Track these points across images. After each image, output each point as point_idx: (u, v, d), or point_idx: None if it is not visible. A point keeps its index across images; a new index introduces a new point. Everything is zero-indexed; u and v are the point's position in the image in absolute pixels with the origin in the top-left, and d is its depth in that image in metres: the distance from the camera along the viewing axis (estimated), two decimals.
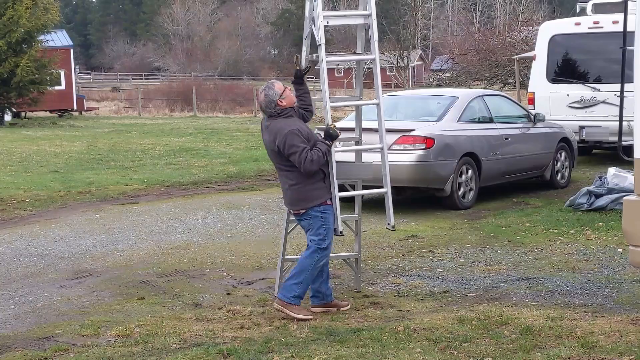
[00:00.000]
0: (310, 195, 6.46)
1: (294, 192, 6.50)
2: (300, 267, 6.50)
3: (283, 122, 6.45)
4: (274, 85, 6.53)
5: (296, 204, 6.54)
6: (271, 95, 6.47)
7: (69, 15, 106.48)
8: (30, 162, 18.49)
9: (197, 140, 24.06)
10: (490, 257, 8.63)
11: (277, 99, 6.46)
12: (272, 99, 6.46)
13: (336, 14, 7.32)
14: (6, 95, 32.70)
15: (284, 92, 6.49)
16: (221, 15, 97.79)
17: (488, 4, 74.20)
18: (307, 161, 6.30)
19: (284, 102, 6.49)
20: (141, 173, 16.49)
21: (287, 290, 6.49)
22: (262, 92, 6.50)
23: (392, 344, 5.74)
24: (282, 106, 6.47)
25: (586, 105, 15.44)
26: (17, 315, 6.90)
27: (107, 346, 5.94)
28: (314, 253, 6.49)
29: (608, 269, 7.93)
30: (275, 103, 6.46)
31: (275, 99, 6.46)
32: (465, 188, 11.70)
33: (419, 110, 12.59)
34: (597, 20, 15.38)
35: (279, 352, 5.63)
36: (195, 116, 40.98)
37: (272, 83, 6.58)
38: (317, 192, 6.47)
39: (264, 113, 6.55)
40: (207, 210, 11.87)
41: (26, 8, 31.90)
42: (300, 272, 6.49)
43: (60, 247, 9.60)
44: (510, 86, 30.52)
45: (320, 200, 6.48)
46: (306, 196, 6.46)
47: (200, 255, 8.94)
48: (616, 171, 11.11)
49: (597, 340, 5.70)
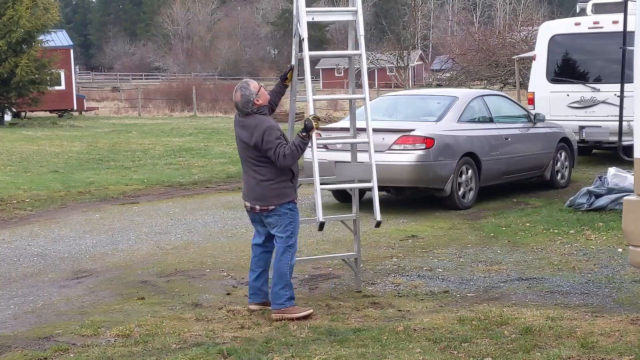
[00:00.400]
0: (282, 192, 6.56)
1: (264, 188, 6.56)
2: (279, 272, 6.56)
3: (260, 119, 6.57)
4: (249, 85, 6.65)
5: (265, 200, 6.58)
6: (247, 94, 6.58)
7: (69, 15, 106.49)
8: (30, 162, 18.49)
9: (197, 140, 24.06)
10: (490, 257, 8.63)
11: (254, 98, 6.58)
12: (249, 98, 6.58)
13: (321, 10, 7.36)
14: (6, 95, 32.70)
15: (259, 90, 6.63)
16: (221, 15, 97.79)
17: (488, 4, 74.21)
18: (280, 156, 6.42)
19: (260, 101, 6.62)
20: (141, 173, 16.49)
21: (277, 297, 6.55)
22: (238, 91, 6.61)
23: (392, 344, 5.74)
24: (258, 104, 6.61)
25: (586, 105, 15.44)
26: (17, 315, 6.90)
27: (107, 346, 5.94)
28: (285, 253, 6.57)
29: (608, 269, 7.93)
30: (252, 102, 6.58)
31: (252, 99, 6.58)
32: (465, 188, 11.70)
33: (419, 110, 12.60)
34: (597, 20, 15.38)
35: (279, 352, 5.63)
36: (195, 116, 40.98)
37: (247, 82, 6.70)
38: (288, 190, 6.59)
39: (240, 111, 6.64)
40: (207, 210, 11.87)
41: (26, 8, 31.89)
42: (281, 277, 6.55)
43: (60, 247, 9.60)
44: (510, 86, 30.52)
45: (290, 198, 6.61)
46: (278, 193, 6.55)
47: (200, 255, 8.93)
48: (616, 171, 11.12)
49: (597, 340, 5.70)
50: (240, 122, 6.65)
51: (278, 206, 6.56)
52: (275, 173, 6.54)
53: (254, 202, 6.66)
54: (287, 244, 6.58)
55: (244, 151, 6.66)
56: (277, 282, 6.56)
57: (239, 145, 6.70)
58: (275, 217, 6.59)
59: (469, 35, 38.94)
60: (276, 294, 6.55)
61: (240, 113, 6.64)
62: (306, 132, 6.53)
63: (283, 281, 6.55)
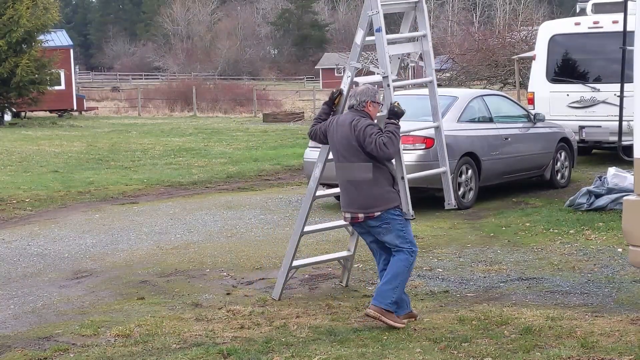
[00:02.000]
0: (388, 196, 6.25)
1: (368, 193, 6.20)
2: (394, 271, 6.19)
3: (358, 116, 6.27)
4: (378, 91, 6.35)
5: (371, 205, 6.24)
6: (370, 93, 6.30)
7: (69, 15, 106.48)
8: (30, 162, 18.50)
9: (197, 140, 24.06)
10: (490, 257, 8.63)
11: (370, 100, 6.28)
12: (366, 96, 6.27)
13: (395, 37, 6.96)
14: (6, 95, 32.71)
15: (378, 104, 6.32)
16: (221, 15, 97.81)
17: (488, 4, 74.17)
18: (380, 144, 6.07)
19: (371, 109, 6.31)
20: (141, 173, 16.49)
21: (383, 296, 6.15)
22: (365, 84, 6.34)
23: (392, 344, 5.75)
24: (367, 110, 6.30)
25: (586, 105, 15.43)
26: (17, 315, 6.90)
27: (107, 346, 5.94)
28: (408, 257, 6.24)
29: (608, 269, 7.93)
30: (366, 102, 6.28)
31: (368, 99, 6.27)
32: (465, 188, 11.69)
33: (418, 110, 12.57)
34: (597, 20, 15.38)
35: (279, 352, 5.63)
36: (195, 116, 40.97)
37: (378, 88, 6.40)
38: (393, 194, 6.29)
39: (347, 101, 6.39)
40: (207, 210, 11.87)
41: (26, 8, 31.90)
42: (395, 277, 6.18)
43: (60, 247, 9.60)
44: (510, 86, 30.49)
45: (396, 203, 6.30)
46: (384, 197, 6.24)
47: (200, 255, 8.93)
48: (616, 171, 11.11)
49: (597, 340, 5.70)
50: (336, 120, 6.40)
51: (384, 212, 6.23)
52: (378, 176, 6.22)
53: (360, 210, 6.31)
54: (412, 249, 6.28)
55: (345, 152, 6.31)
56: (389, 280, 6.19)
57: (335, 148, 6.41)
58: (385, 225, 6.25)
59: (469, 35, 38.89)
60: (384, 292, 6.17)
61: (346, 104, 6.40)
62: (397, 118, 6.21)
63: (395, 281, 6.18)
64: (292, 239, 7.11)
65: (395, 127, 6.21)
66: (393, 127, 6.20)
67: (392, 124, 6.22)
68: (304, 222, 6.99)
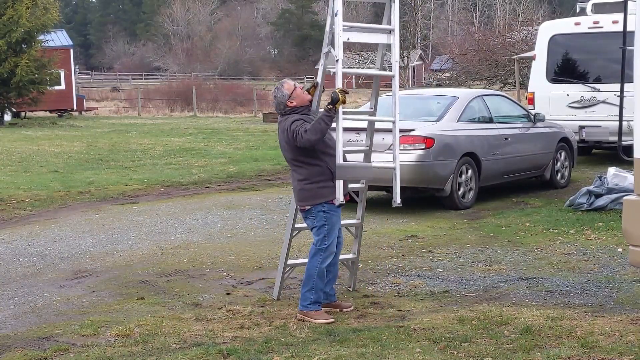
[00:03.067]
0: (316, 192, 6.40)
1: (302, 189, 6.46)
2: (307, 273, 6.50)
3: (286, 118, 6.39)
4: (282, 86, 6.42)
5: (303, 200, 6.50)
6: (279, 97, 6.41)
7: (69, 15, 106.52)
8: (30, 162, 18.50)
9: (197, 140, 24.06)
10: (490, 257, 8.63)
11: (286, 101, 6.39)
12: (281, 100, 6.41)
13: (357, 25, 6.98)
14: (6, 95, 32.72)
15: (294, 92, 6.39)
16: (221, 15, 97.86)
17: (488, 3, 74.17)
18: (302, 132, 6.18)
19: (294, 102, 6.40)
20: (141, 173, 16.49)
21: (303, 299, 6.49)
22: (273, 93, 6.46)
23: (392, 344, 5.74)
24: (291, 107, 6.40)
25: (586, 105, 15.44)
26: (17, 315, 6.90)
27: (107, 346, 5.94)
28: (316, 255, 6.47)
29: (608, 269, 7.93)
30: (284, 104, 6.40)
31: (284, 101, 6.39)
32: (465, 188, 11.70)
33: (418, 110, 12.59)
34: (597, 20, 15.39)
35: (279, 352, 5.63)
36: (195, 116, 40.99)
37: (281, 84, 6.47)
38: (324, 190, 6.39)
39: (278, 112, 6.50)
40: (207, 210, 11.87)
41: (26, 8, 31.92)
42: (308, 278, 6.48)
43: (60, 247, 9.60)
44: (510, 86, 30.51)
45: (325, 199, 6.40)
46: (313, 193, 6.41)
47: (200, 255, 8.93)
48: (616, 171, 11.11)
49: (597, 340, 5.70)
50: (279, 123, 6.49)
51: (312, 207, 6.42)
52: (311, 173, 6.38)
53: (297, 202, 6.59)
54: (320, 247, 6.45)
55: (286, 152, 6.48)
56: (305, 282, 6.50)
57: (281, 149, 6.56)
58: (311, 218, 6.48)
59: (469, 35, 38.93)
60: (303, 295, 6.49)
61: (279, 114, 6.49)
62: (332, 105, 6.19)
63: (309, 283, 6.45)
64: (285, 236, 7.14)
65: (325, 114, 6.21)
66: (323, 113, 6.23)
67: (325, 110, 6.23)
68: (293, 219, 7.00)
